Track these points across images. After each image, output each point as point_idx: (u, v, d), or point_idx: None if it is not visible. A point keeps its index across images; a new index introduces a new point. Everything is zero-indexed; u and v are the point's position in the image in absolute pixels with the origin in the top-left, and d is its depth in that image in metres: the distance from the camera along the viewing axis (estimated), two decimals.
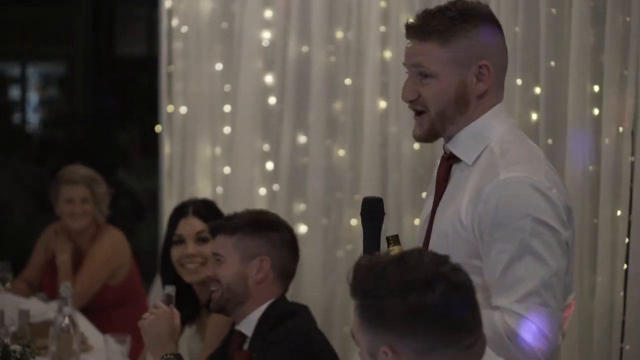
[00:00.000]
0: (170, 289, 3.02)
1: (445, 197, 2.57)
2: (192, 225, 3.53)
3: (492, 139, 2.50)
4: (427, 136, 2.57)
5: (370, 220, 2.54)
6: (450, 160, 2.58)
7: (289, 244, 3.19)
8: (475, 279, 2.42)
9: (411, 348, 1.96)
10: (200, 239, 3.52)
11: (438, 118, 2.51)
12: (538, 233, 2.38)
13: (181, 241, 3.51)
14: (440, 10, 2.51)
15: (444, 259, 2.04)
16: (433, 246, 2.54)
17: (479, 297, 2.41)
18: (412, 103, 2.55)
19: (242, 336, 3.12)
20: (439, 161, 2.71)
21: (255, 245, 3.10)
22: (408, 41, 2.55)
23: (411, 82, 2.54)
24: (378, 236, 2.54)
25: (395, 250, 2.46)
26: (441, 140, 2.67)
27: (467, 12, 2.48)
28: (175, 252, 3.51)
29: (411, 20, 2.55)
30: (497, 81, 2.53)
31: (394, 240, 2.47)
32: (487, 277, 2.44)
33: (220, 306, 3.10)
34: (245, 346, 3.10)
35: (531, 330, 2.36)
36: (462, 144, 2.53)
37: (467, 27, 2.46)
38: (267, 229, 3.15)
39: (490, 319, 2.37)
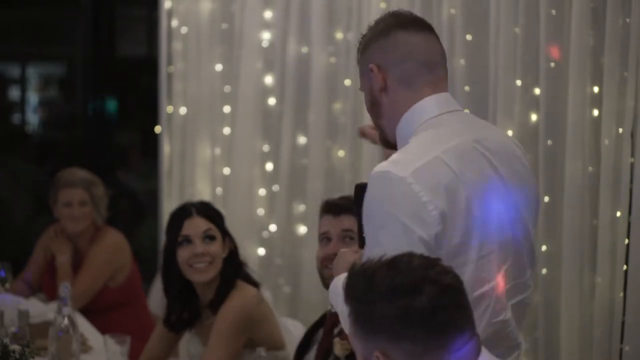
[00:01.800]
0: None
1: None
2: (198, 224, 3.53)
3: (410, 136, 2.55)
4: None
5: (361, 206, 2.53)
6: None
7: None
8: None
9: (402, 352, 1.98)
10: (207, 237, 3.52)
11: (376, 127, 2.69)
12: (386, 225, 2.39)
13: (188, 241, 3.51)
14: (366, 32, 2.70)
15: (433, 262, 2.05)
16: None
17: None
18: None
19: (337, 317, 3.18)
20: None
21: None
22: None
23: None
24: None
25: None
26: None
27: (373, 26, 2.66)
28: (183, 253, 3.51)
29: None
30: (400, 77, 2.57)
31: None
32: None
33: None
34: (337, 329, 3.18)
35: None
36: (399, 144, 2.59)
37: (361, 44, 2.65)
38: None
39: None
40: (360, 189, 2.56)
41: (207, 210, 3.60)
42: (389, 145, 2.67)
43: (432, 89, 2.57)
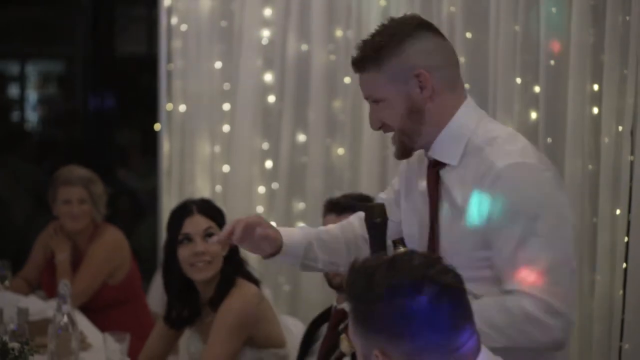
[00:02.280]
0: None
1: (444, 201, 2.60)
2: (199, 223, 3.53)
3: (469, 134, 2.57)
4: (402, 153, 2.66)
5: (375, 227, 2.60)
6: (435, 167, 2.63)
7: None
8: (488, 273, 2.50)
9: (402, 351, 1.97)
10: (208, 235, 3.52)
11: (402, 135, 2.61)
12: (542, 214, 2.45)
13: (188, 240, 3.51)
14: (371, 36, 2.62)
15: (434, 261, 2.05)
16: (445, 249, 2.57)
17: (493, 290, 2.48)
18: (381, 130, 2.67)
19: (342, 313, 3.18)
20: (403, 164, 2.78)
21: None
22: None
23: (371, 111, 2.67)
24: (384, 242, 2.59)
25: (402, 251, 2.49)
26: None
27: (391, 30, 2.59)
28: (184, 251, 3.50)
29: (353, 56, 2.67)
30: (446, 81, 2.59)
31: (400, 243, 2.56)
32: (496, 265, 2.50)
33: None
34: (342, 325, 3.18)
35: (547, 310, 2.42)
36: (442, 148, 2.59)
37: (392, 45, 2.56)
38: None
39: (504, 304, 2.43)
40: (372, 209, 2.61)
41: (208, 208, 3.59)
42: (407, 155, 2.66)
43: (465, 93, 2.64)
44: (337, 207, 3.42)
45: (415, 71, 2.54)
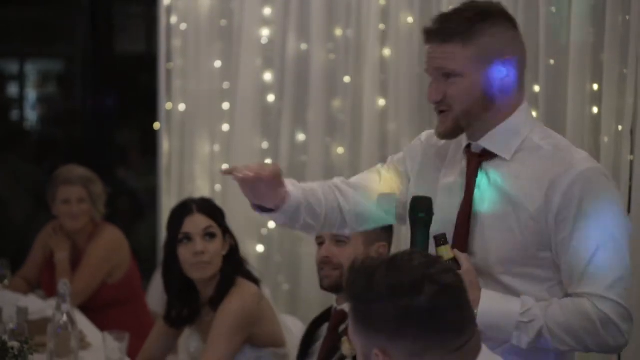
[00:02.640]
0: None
1: (486, 194, 2.57)
2: (199, 222, 3.52)
3: (527, 133, 2.57)
4: (450, 133, 2.60)
5: (419, 222, 2.54)
6: (481, 157, 2.60)
7: None
8: (538, 272, 2.50)
9: (402, 350, 1.97)
10: (208, 235, 3.51)
11: (463, 115, 2.56)
12: (618, 221, 2.48)
13: (188, 239, 3.50)
14: (456, 12, 2.57)
15: (434, 261, 2.05)
16: (491, 244, 2.54)
17: (537, 289, 2.49)
18: (437, 104, 2.59)
19: (342, 315, 3.22)
20: (415, 151, 2.75)
21: None
22: (428, 46, 2.59)
23: (436, 84, 2.58)
24: (427, 236, 2.53)
25: (444, 249, 2.47)
26: (442, 142, 2.69)
27: (482, 11, 2.54)
28: (183, 251, 3.50)
29: (429, 25, 2.59)
30: (520, 77, 2.59)
31: (442, 239, 2.49)
32: (567, 267, 2.49)
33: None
34: (343, 327, 3.20)
35: (623, 315, 2.45)
36: (498, 140, 2.57)
37: (485, 26, 2.52)
38: None
39: (580, 308, 2.44)
40: (419, 201, 2.54)
41: (208, 207, 3.59)
42: (454, 136, 2.61)
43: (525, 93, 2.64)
44: None
45: (503, 57, 2.52)
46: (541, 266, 2.51)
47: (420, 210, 2.53)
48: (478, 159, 2.59)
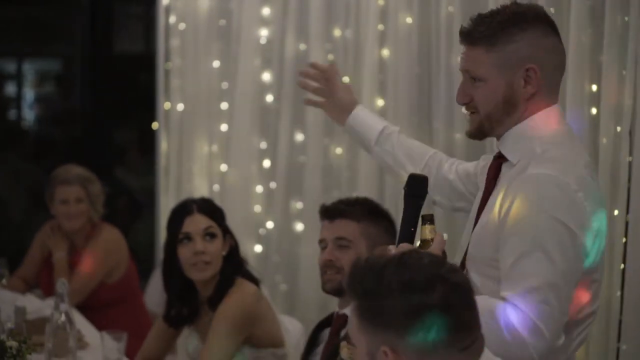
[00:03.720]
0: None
1: (493, 194, 2.61)
2: (199, 222, 3.52)
3: (536, 139, 2.55)
4: (475, 134, 2.64)
5: (412, 197, 2.56)
6: (499, 159, 2.63)
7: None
8: (496, 273, 2.50)
9: (412, 348, 1.97)
10: (208, 235, 3.51)
11: (486, 119, 2.58)
12: (553, 232, 2.41)
13: (188, 239, 3.50)
14: (490, 14, 2.58)
15: (442, 260, 2.06)
16: (472, 242, 2.59)
17: (498, 289, 2.47)
18: (466, 106, 2.63)
19: (343, 319, 3.23)
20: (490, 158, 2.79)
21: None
22: (463, 46, 2.63)
23: (464, 86, 2.62)
24: (418, 214, 2.56)
25: (426, 229, 2.49)
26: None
27: (515, 15, 2.54)
28: (183, 251, 3.49)
29: (464, 25, 2.62)
30: (548, 83, 2.57)
31: (429, 219, 2.51)
32: (501, 268, 2.48)
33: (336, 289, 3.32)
34: (344, 331, 3.21)
35: (528, 326, 2.38)
36: (509, 143, 2.58)
37: (513, 31, 2.51)
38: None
39: (491, 308, 2.40)
40: (415, 179, 2.57)
41: (209, 207, 3.59)
42: (480, 138, 2.65)
43: (558, 97, 2.62)
44: (329, 213, 3.42)
45: (527, 64, 2.51)
46: (498, 267, 2.50)
47: (413, 188, 2.56)
48: (498, 161, 2.63)
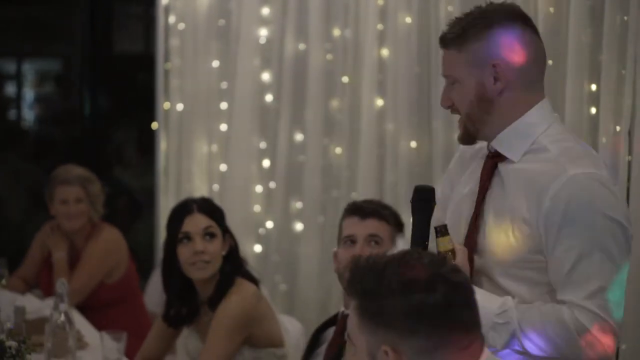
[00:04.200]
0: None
1: (495, 195, 2.59)
2: (199, 221, 3.51)
3: (537, 135, 2.56)
4: (464, 138, 2.64)
5: (420, 210, 2.54)
6: (495, 158, 2.62)
7: None
8: (532, 275, 2.48)
9: (412, 347, 1.97)
10: (207, 235, 3.51)
11: (468, 120, 2.59)
12: (609, 230, 2.42)
13: (188, 238, 3.50)
14: (463, 16, 2.59)
15: (443, 260, 2.05)
16: (490, 244, 2.55)
17: (534, 291, 2.48)
18: (450, 109, 2.64)
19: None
20: (457, 154, 2.79)
21: None
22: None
23: (445, 89, 2.63)
24: (428, 226, 2.54)
25: (444, 240, 2.47)
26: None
27: (484, 14, 2.55)
28: (183, 250, 3.49)
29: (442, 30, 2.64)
30: (523, 78, 2.56)
31: (443, 230, 2.49)
32: (552, 273, 2.47)
33: None
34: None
35: (602, 327, 2.40)
36: (507, 141, 2.57)
37: (478, 29, 2.53)
38: None
39: (558, 315, 2.42)
40: (421, 191, 2.55)
41: (208, 207, 3.58)
42: (470, 142, 2.64)
43: (543, 93, 2.61)
44: (361, 211, 3.39)
45: (493, 60, 2.52)
46: (535, 269, 2.49)
47: (420, 198, 2.55)
48: (492, 160, 2.62)
